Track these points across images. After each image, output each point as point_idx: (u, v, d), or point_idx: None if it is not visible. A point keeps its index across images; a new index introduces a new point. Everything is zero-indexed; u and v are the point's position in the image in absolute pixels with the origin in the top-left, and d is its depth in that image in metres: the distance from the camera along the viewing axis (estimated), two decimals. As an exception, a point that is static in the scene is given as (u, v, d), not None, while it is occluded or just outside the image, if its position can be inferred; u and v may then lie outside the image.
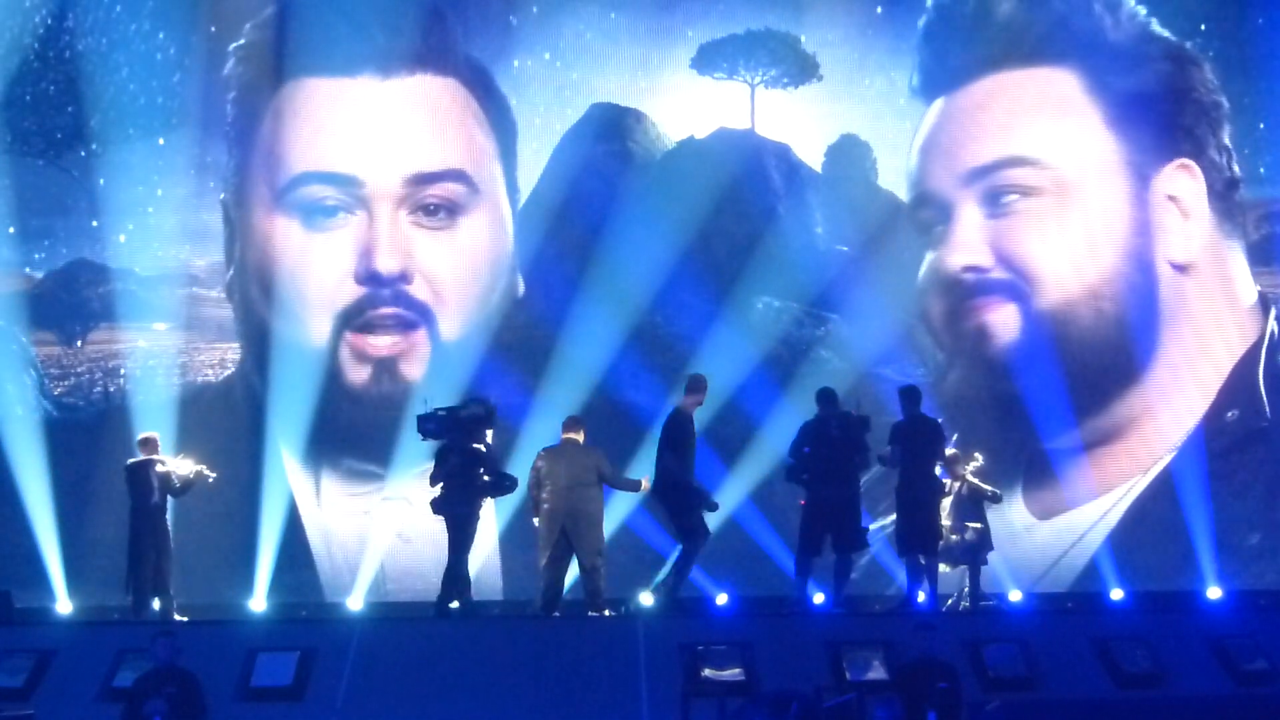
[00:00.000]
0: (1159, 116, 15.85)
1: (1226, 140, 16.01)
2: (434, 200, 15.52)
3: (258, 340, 15.57)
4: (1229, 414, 15.63)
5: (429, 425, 12.53)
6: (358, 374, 15.46)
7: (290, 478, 15.42)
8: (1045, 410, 15.13)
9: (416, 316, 15.48)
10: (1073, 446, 15.50)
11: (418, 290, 15.46)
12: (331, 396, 15.38)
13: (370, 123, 15.53)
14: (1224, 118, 16.02)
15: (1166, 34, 16.11)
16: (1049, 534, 15.49)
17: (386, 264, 15.35)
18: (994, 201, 15.77)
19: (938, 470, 12.58)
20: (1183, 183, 15.83)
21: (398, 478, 15.30)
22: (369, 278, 15.37)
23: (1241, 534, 15.18)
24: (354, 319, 15.42)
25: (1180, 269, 15.84)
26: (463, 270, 15.67)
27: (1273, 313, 16.09)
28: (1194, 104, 15.95)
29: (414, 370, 15.50)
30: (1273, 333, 16.00)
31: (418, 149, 15.63)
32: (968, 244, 15.73)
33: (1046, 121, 15.89)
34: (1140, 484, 15.53)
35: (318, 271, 15.45)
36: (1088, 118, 15.87)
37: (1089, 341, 15.48)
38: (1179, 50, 16.08)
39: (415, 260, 15.47)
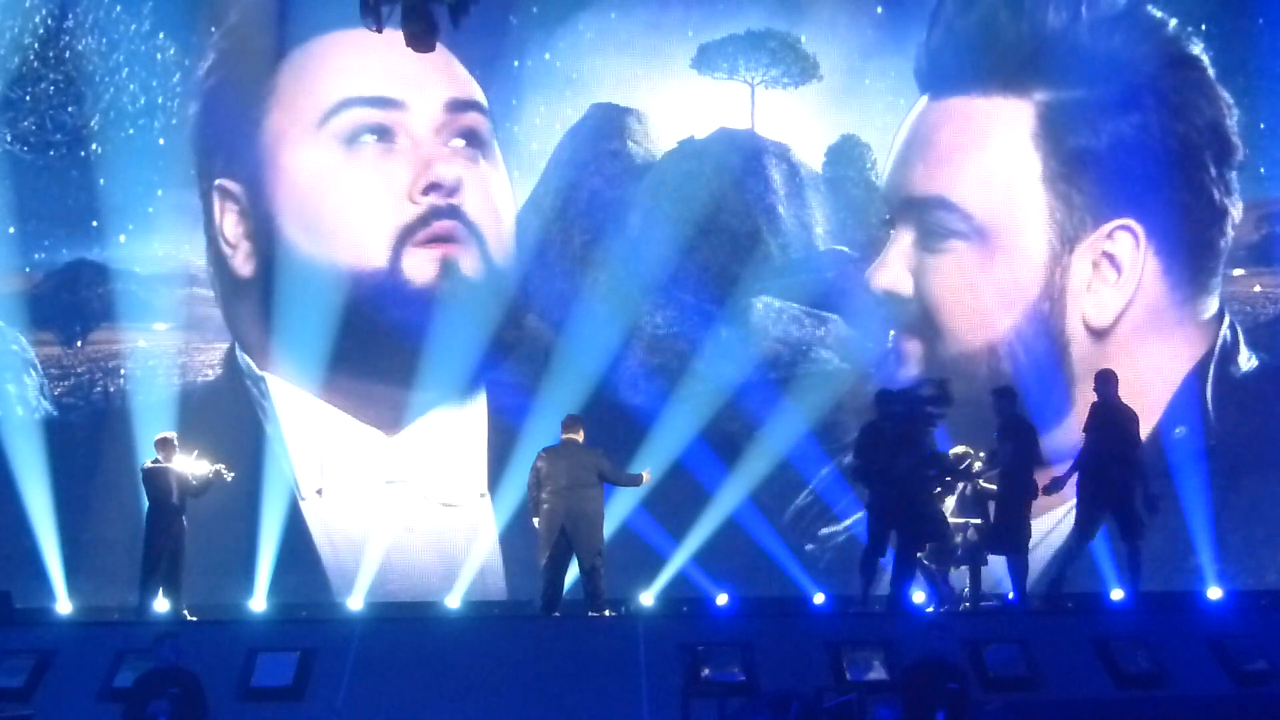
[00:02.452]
0: (1110, 172, 15.54)
1: (1223, 172, 15.80)
2: (466, 128, 15.60)
3: (275, 291, 15.42)
4: (1176, 430, 15.51)
5: (895, 407, 12.51)
6: (424, 273, 15.42)
7: (293, 458, 15.40)
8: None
9: (468, 234, 15.51)
10: None
11: (469, 207, 15.52)
12: (391, 310, 15.35)
13: (404, 55, 15.47)
14: (1225, 148, 15.81)
15: (1192, 48, 15.90)
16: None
17: (447, 172, 15.37)
18: (925, 233, 15.72)
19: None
20: (1121, 243, 15.60)
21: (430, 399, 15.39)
22: (430, 188, 15.36)
23: (1184, 553, 14.98)
24: (417, 232, 15.40)
25: (1098, 333, 15.66)
26: (497, 201, 15.75)
27: (1226, 320, 15.96)
28: (1177, 146, 15.64)
29: (473, 272, 15.54)
30: (1225, 340, 15.92)
31: (448, 79, 15.61)
32: (893, 267, 15.73)
33: (984, 164, 15.70)
34: None
35: (373, 192, 15.42)
36: (1026, 168, 15.63)
37: (984, 395, 15.11)
38: (1175, 87, 15.79)
39: (465, 179, 15.53)
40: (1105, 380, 12.78)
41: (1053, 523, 14.95)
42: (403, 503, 15.45)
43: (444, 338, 15.31)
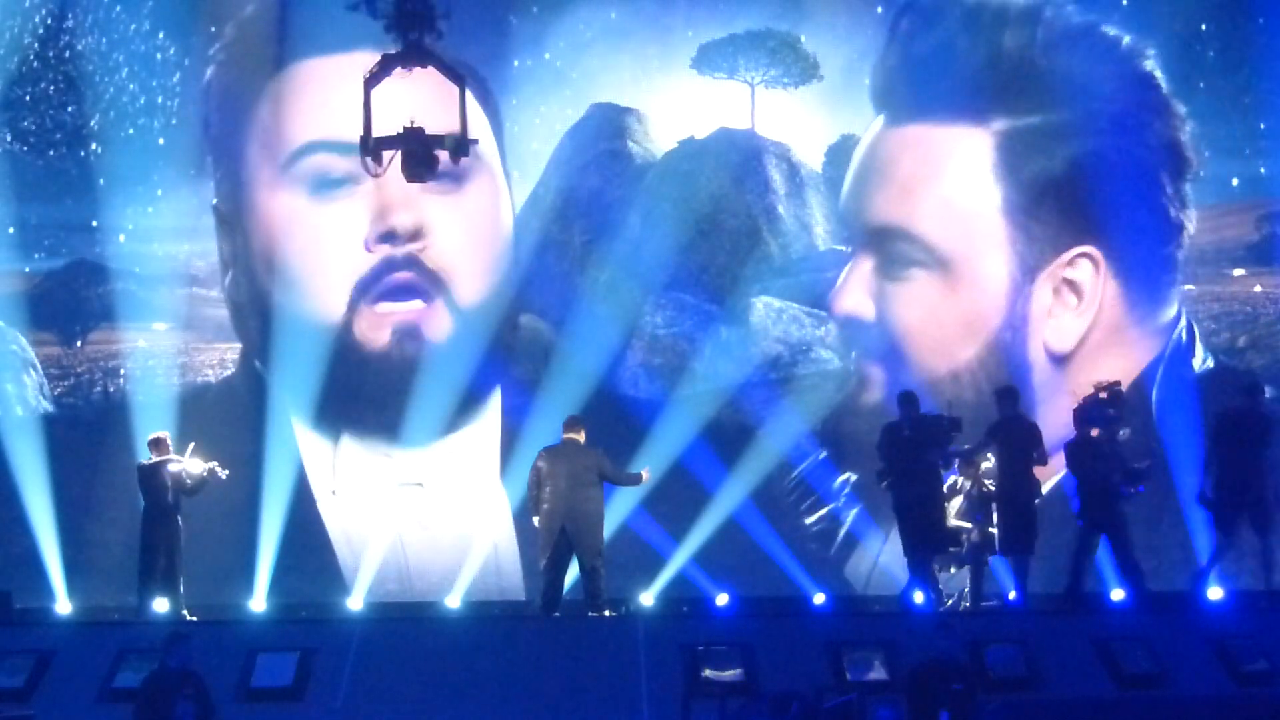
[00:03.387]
0: (1069, 199, 15.50)
1: (1178, 187, 15.72)
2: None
3: (266, 325, 15.38)
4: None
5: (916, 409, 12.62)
6: (378, 338, 15.27)
7: (307, 462, 15.39)
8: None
9: (430, 285, 15.30)
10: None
11: (431, 256, 15.27)
12: (350, 368, 15.27)
13: (379, 89, 15.35)
14: (1180, 164, 15.74)
15: (1145, 64, 15.81)
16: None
17: (402, 220, 15.10)
18: (886, 261, 15.65)
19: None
20: (1081, 270, 15.59)
21: (413, 448, 15.32)
22: (384, 237, 15.14)
23: (1175, 549, 14.92)
24: (371, 288, 15.21)
25: (1059, 359, 15.64)
26: (474, 235, 15.57)
27: (1182, 322, 15.92)
28: (1133, 168, 15.57)
29: (437, 334, 15.37)
30: (1180, 340, 15.92)
31: (421, 112, 15.48)
32: (855, 292, 15.70)
33: (944, 196, 15.64)
34: None
35: (331, 242, 15.26)
36: (986, 199, 15.59)
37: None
38: (1130, 110, 15.72)
39: (428, 223, 15.26)
40: (1251, 391, 13.26)
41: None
42: (418, 505, 15.45)
43: (442, 376, 15.24)
